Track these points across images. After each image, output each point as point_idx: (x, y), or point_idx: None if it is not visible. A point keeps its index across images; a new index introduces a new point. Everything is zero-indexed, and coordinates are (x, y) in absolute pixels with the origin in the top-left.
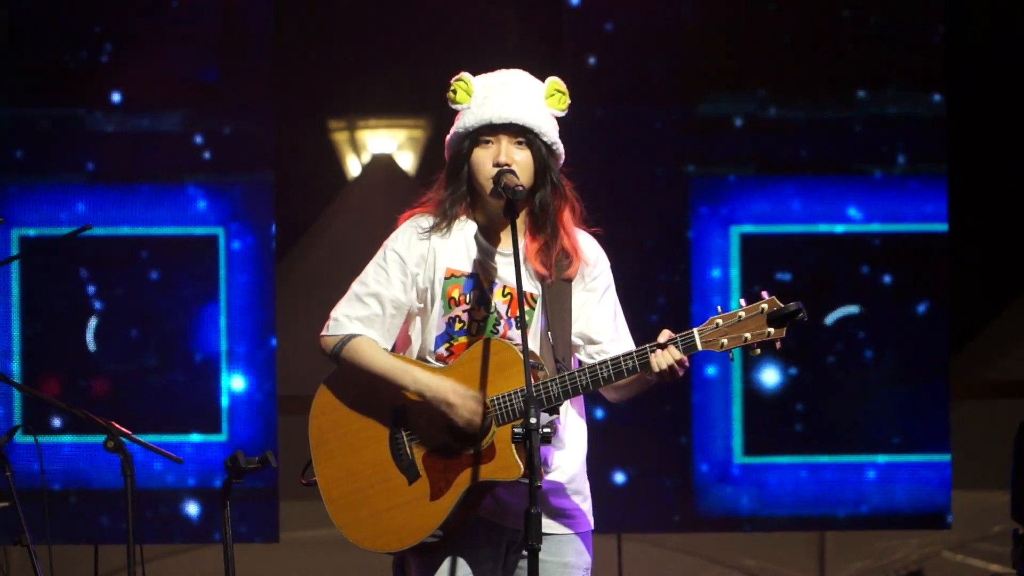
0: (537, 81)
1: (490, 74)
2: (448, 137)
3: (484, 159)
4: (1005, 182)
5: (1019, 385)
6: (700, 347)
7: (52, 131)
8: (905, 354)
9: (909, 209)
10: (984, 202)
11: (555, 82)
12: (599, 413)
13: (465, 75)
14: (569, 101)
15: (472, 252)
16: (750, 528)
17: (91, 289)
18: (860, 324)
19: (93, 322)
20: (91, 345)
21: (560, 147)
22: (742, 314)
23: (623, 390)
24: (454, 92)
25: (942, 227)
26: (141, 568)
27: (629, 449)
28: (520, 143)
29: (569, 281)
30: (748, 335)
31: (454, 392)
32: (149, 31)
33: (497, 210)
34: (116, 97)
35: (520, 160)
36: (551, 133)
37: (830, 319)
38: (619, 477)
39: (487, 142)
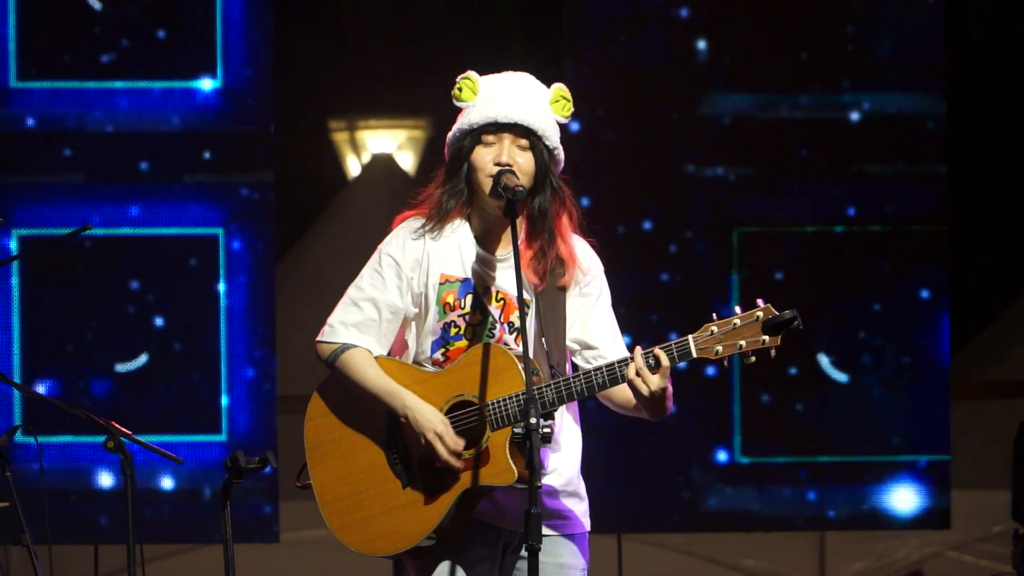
0: (543, 85)
1: (497, 75)
2: (450, 134)
3: (485, 158)
4: (1005, 182)
5: (1019, 385)
6: (695, 354)
7: (52, 131)
8: (905, 354)
9: (909, 209)
10: (984, 202)
11: (561, 88)
12: (599, 413)
13: (472, 73)
14: (572, 109)
15: (466, 256)
16: (750, 528)
17: (91, 289)
18: (860, 324)
19: (90, 336)
20: (97, 357)
21: (561, 152)
22: (737, 321)
23: (627, 409)
24: (459, 89)
25: (942, 227)
26: (141, 568)
27: (629, 449)
28: (523, 145)
29: (563, 289)
30: (743, 343)
31: (445, 430)
32: (149, 31)
33: (494, 212)
34: (116, 97)
35: (522, 162)
36: (554, 137)
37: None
38: (619, 477)
39: (489, 141)
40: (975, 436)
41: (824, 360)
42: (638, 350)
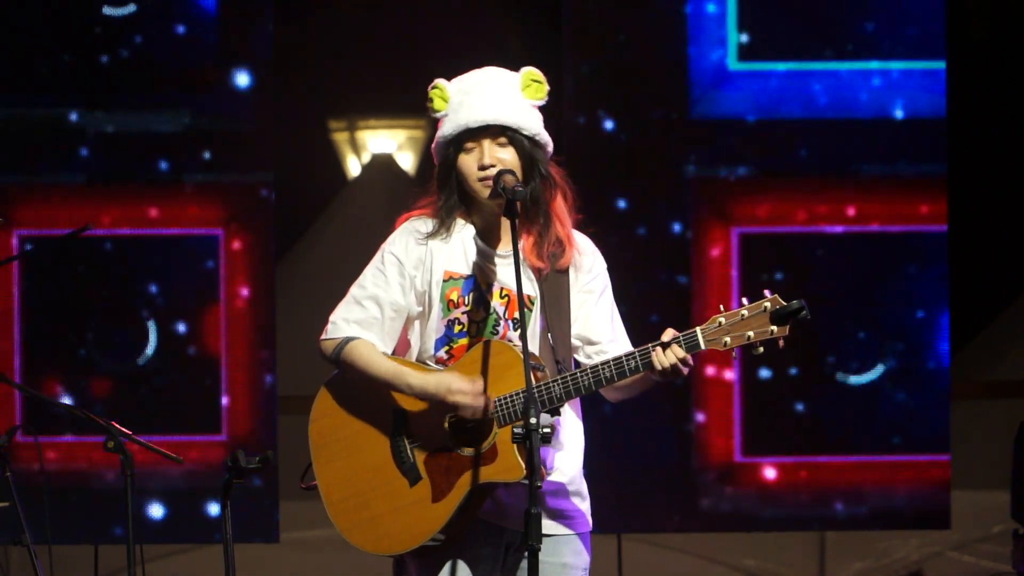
0: (511, 75)
1: (464, 76)
2: (433, 145)
3: (470, 164)
4: (1005, 182)
5: (1019, 385)
6: (703, 346)
7: (52, 131)
8: (905, 354)
9: (909, 209)
10: (984, 202)
11: (529, 72)
12: (599, 413)
13: (439, 81)
14: (547, 88)
15: (470, 254)
16: (750, 528)
17: (91, 289)
18: (860, 324)
19: (90, 336)
20: (96, 358)
21: (544, 136)
22: (745, 312)
23: (624, 390)
24: (431, 101)
25: (942, 227)
26: (141, 568)
27: (629, 449)
28: (502, 143)
29: (562, 273)
30: (751, 333)
31: (458, 381)
32: (150, 31)
33: (493, 211)
34: (116, 97)
35: (506, 159)
36: (532, 125)
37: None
38: (619, 477)
39: (470, 148)
40: (975, 436)
41: (824, 360)
42: (670, 332)
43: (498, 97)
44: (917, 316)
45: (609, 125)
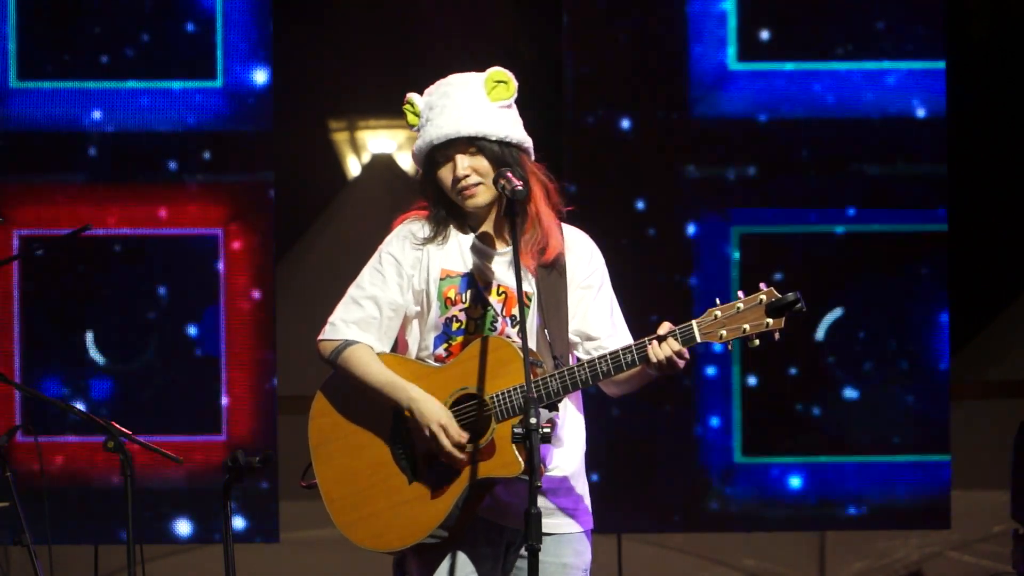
0: (477, 79)
1: (434, 86)
2: (412, 160)
3: (446, 177)
4: (1005, 182)
5: (1019, 385)
6: (699, 339)
7: (52, 131)
8: (905, 354)
9: (909, 209)
10: (984, 202)
11: (494, 73)
12: (599, 413)
13: (411, 96)
14: (515, 85)
15: (466, 252)
16: (750, 528)
17: (91, 289)
18: (860, 324)
19: (90, 336)
20: (97, 357)
21: (516, 136)
22: (740, 305)
23: (624, 384)
24: (406, 116)
25: (942, 227)
26: (141, 568)
27: (629, 449)
28: (472, 152)
29: (558, 269)
30: (747, 326)
31: (451, 424)
32: (150, 31)
33: (483, 213)
34: (116, 97)
35: (478, 167)
36: (498, 129)
37: (821, 332)
38: (619, 477)
39: (442, 162)
40: (975, 436)
41: (824, 360)
42: (666, 326)
43: (462, 108)
44: (917, 316)
45: (609, 122)
